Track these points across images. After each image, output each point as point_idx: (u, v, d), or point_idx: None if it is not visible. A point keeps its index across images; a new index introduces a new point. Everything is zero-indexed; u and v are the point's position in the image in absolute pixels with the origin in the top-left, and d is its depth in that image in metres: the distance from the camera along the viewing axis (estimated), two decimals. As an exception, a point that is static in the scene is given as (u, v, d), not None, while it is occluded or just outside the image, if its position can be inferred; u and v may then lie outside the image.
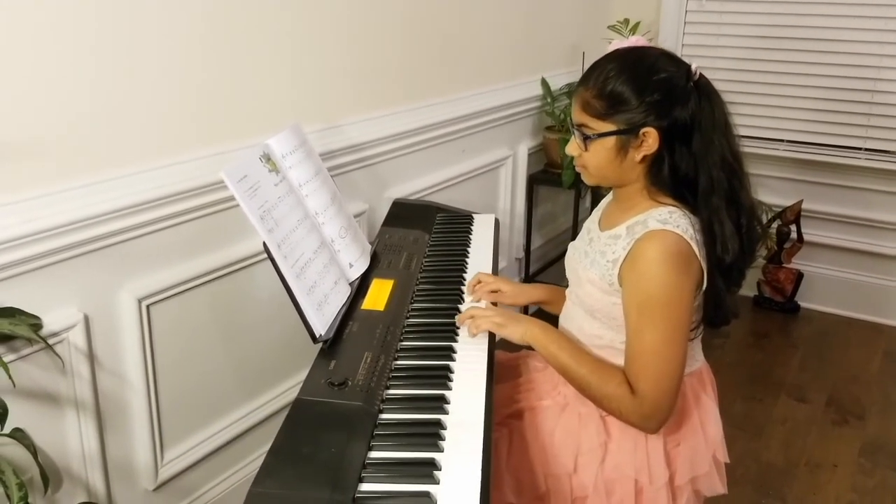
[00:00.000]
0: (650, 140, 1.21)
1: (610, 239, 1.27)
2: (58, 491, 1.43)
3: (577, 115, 1.27)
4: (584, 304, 1.32)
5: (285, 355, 1.85)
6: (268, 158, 1.35)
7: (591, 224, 1.40)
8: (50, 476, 1.34)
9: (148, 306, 1.52)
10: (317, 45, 1.82)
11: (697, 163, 1.22)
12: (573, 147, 1.29)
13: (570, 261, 1.40)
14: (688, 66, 1.23)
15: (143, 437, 1.57)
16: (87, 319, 1.40)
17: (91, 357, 1.43)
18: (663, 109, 1.20)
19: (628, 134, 1.21)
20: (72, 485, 1.45)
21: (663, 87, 1.20)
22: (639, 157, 1.23)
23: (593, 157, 1.26)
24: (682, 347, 1.19)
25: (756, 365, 2.79)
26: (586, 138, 1.25)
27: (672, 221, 1.19)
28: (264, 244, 1.23)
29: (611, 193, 1.39)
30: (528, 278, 3.02)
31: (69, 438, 1.43)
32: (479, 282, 1.48)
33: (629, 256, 1.21)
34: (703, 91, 1.23)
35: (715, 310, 1.26)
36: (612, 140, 1.23)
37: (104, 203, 1.38)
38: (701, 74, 1.24)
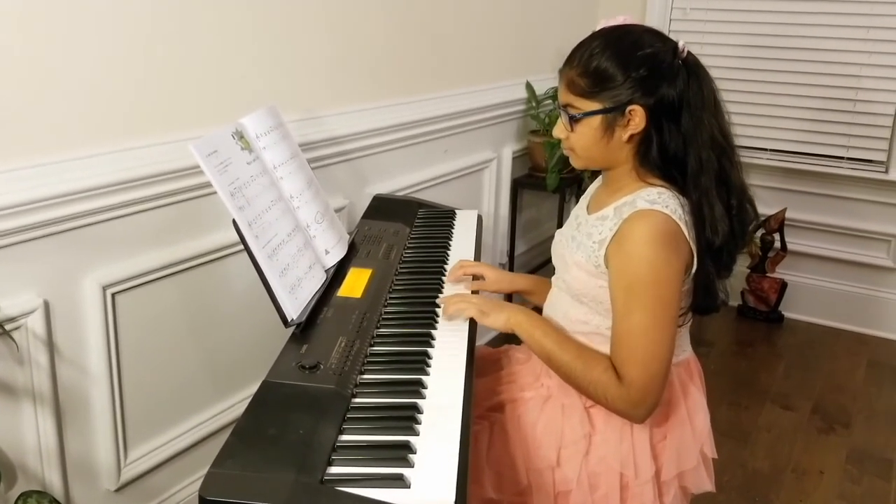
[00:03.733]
0: (637, 118, 1.17)
1: (597, 221, 1.23)
2: (11, 488, 1.34)
3: (563, 96, 1.23)
4: (570, 289, 1.27)
5: (259, 353, 1.77)
6: (241, 136, 1.29)
7: (578, 210, 1.35)
8: (3, 471, 1.27)
9: (113, 295, 1.45)
10: (298, 33, 1.77)
11: (686, 142, 1.18)
12: (560, 129, 1.25)
13: (556, 247, 1.36)
14: (674, 43, 1.20)
15: (104, 434, 1.49)
16: (47, 305, 1.33)
17: (50, 345, 1.35)
18: (650, 86, 1.16)
19: (614, 112, 1.17)
20: (27, 481, 1.37)
21: (649, 62, 1.16)
22: (626, 136, 1.19)
23: (580, 138, 1.22)
24: (671, 330, 1.14)
25: (741, 373, 2.75)
26: (572, 118, 1.21)
27: (661, 202, 1.15)
28: (234, 222, 1.18)
29: (599, 178, 1.35)
30: (511, 284, 2.97)
31: (25, 432, 1.35)
32: (461, 266, 1.43)
33: (616, 237, 1.16)
34: (692, 68, 1.19)
35: (705, 295, 1.22)
36: (598, 119, 1.19)
37: (68, 183, 1.31)
38: (689, 52, 1.20)
